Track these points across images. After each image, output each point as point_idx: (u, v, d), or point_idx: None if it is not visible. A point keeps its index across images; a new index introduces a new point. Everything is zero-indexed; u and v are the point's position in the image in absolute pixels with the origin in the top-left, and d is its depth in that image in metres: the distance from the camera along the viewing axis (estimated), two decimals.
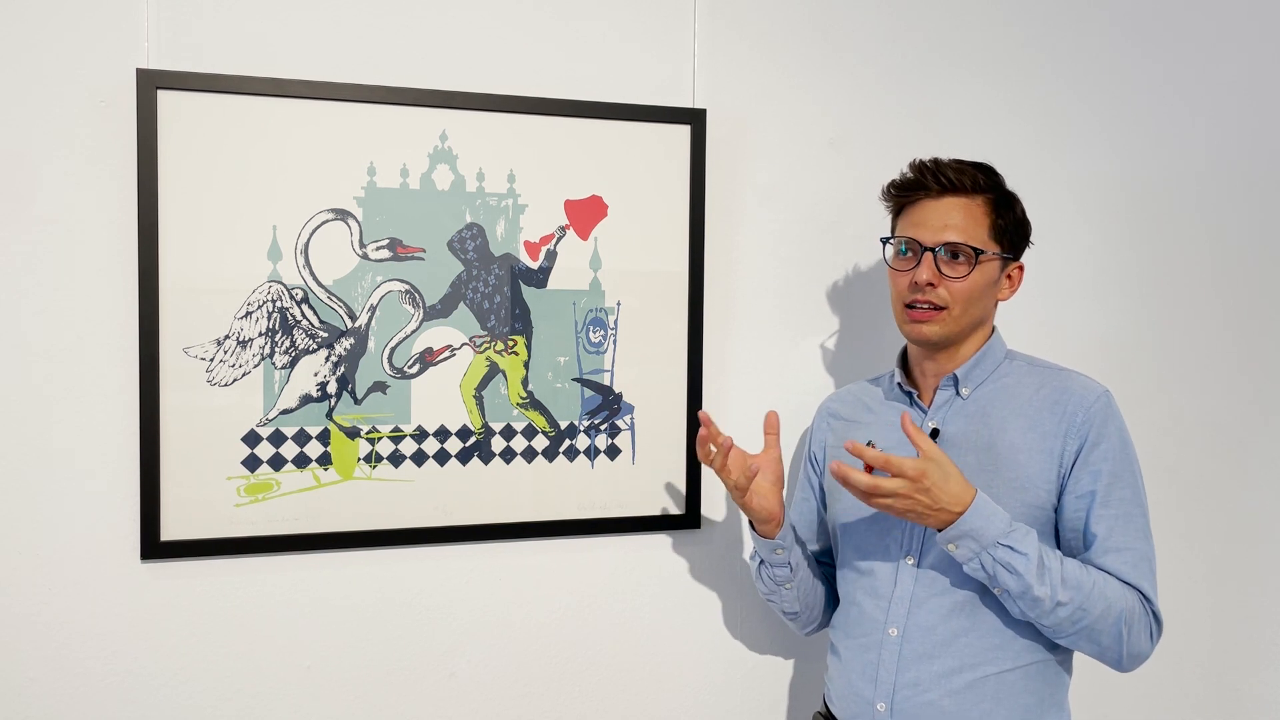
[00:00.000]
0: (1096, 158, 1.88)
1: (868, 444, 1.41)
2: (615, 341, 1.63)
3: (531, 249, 1.58)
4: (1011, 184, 1.46)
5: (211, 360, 1.45)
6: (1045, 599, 1.21)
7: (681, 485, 1.67)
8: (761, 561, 1.45)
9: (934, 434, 1.35)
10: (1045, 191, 1.84)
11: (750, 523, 1.43)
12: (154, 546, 1.43)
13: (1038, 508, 1.29)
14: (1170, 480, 1.94)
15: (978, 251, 1.32)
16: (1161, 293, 1.94)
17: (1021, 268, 1.41)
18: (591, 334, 1.61)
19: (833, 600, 1.53)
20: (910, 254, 1.35)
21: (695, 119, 1.63)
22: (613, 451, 1.63)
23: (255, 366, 1.47)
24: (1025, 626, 1.30)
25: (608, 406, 1.63)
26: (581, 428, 1.62)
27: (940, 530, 1.23)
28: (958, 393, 1.37)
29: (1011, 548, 1.21)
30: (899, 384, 1.42)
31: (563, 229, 1.59)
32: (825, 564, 1.56)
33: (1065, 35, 1.85)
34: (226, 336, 1.46)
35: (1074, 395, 1.32)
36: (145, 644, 1.46)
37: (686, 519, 1.67)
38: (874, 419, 1.45)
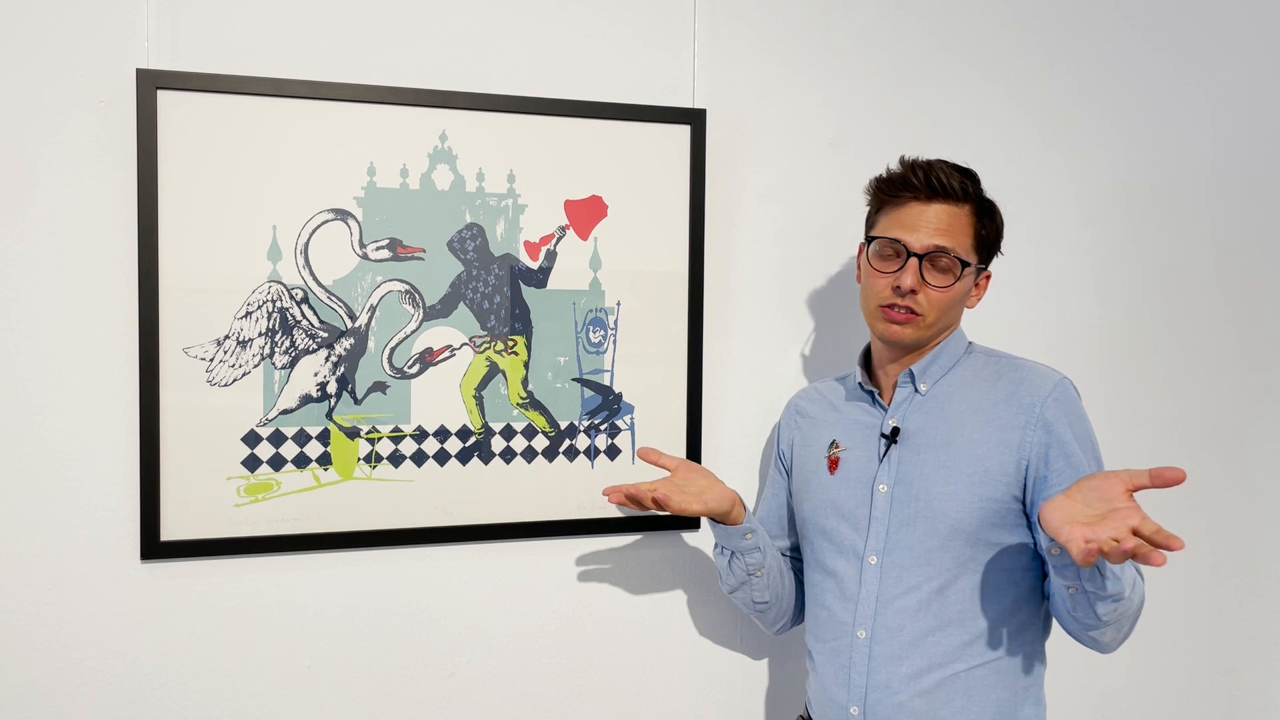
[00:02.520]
0: (1097, 157, 1.88)
1: (831, 442, 1.41)
2: (615, 341, 1.62)
3: (531, 249, 1.58)
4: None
5: (211, 360, 1.45)
6: (1120, 596, 1.17)
7: None
8: (732, 554, 1.44)
9: (894, 432, 1.36)
10: (1045, 191, 1.84)
11: (712, 521, 1.42)
12: (154, 546, 1.43)
13: (998, 501, 1.29)
14: None
15: (964, 264, 1.33)
16: (1162, 292, 1.94)
17: (989, 276, 1.42)
18: (591, 334, 1.61)
19: (801, 594, 1.53)
20: (894, 255, 1.35)
21: (695, 119, 1.63)
22: (613, 451, 1.63)
23: (255, 366, 1.47)
24: (992, 622, 1.30)
25: (608, 406, 1.63)
26: (581, 428, 1.62)
27: None
28: (916, 389, 1.38)
29: None
30: (859, 383, 1.43)
31: (563, 229, 1.59)
32: (793, 558, 1.55)
33: (1066, 34, 1.85)
34: (226, 337, 1.46)
35: (1030, 385, 1.32)
36: (145, 644, 1.46)
37: (686, 519, 1.67)
38: (838, 418, 1.46)
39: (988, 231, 1.37)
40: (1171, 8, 1.91)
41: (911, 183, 1.34)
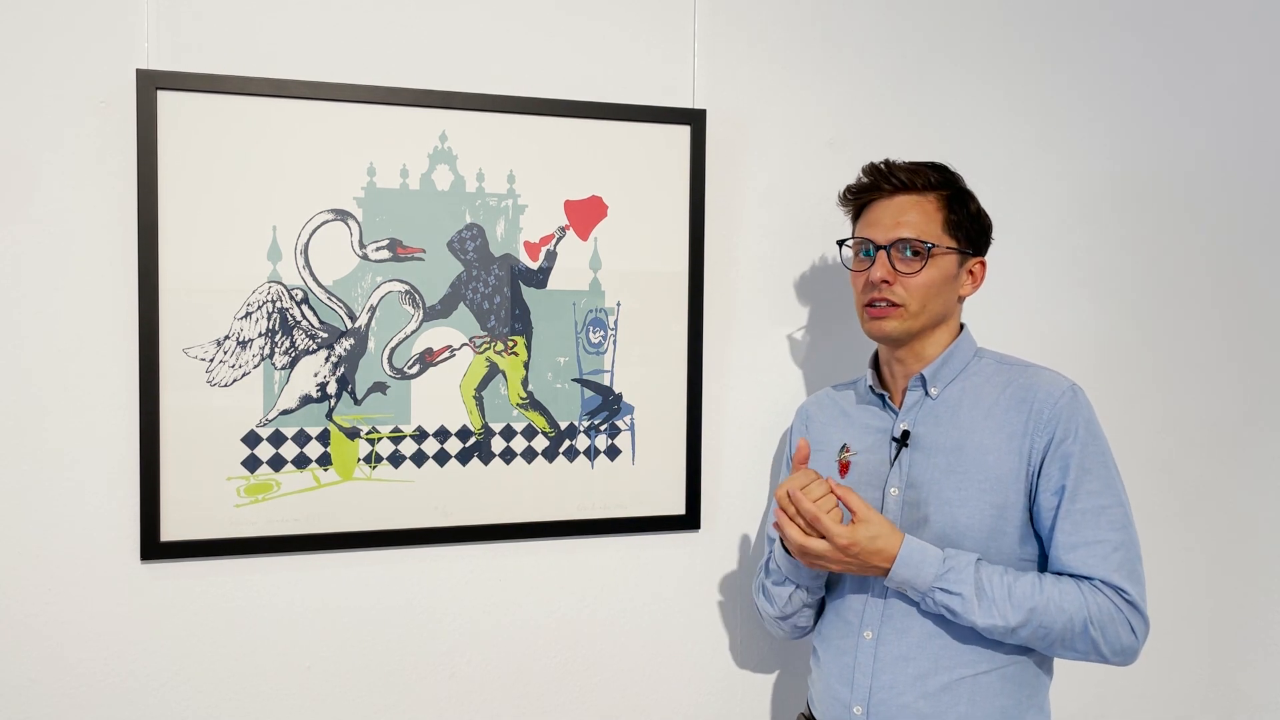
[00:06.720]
0: (1095, 157, 1.88)
1: (842, 446, 1.42)
2: (615, 342, 1.63)
3: (531, 249, 1.58)
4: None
5: (211, 361, 1.45)
6: (994, 628, 1.24)
7: (681, 485, 1.67)
8: (797, 587, 1.42)
9: (905, 436, 1.36)
10: (1042, 192, 1.84)
11: (788, 550, 1.37)
12: (154, 547, 1.44)
13: (1007, 508, 1.30)
14: (1169, 480, 1.95)
15: (929, 246, 1.33)
16: (1159, 292, 1.94)
17: (983, 264, 1.41)
18: (591, 334, 1.61)
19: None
20: (867, 255, 1.38)
21: (695, 119, 1.63)
22: (613, 452, 1.63)
23: (255, 367, 1.47)
24: None
25: (608, 407, 1.63)
26: (581, 428, 1.62)
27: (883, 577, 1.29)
28: (927, 393, 1.38)
29: (946, 590, 1.24)
30: (870, 386, 1.43)
31: (563, 229, 1.59)
32: None
33: (1065, 35, 1.85)
34: (226, 337, 1.46)
35: (1040, 392, 1.31)
36: (145, 644, 1.46)
37: (686, 519, 1.67)
38: (849, 422, 1.46)
39: (959, 216, 1.36)
40: (1167, 10, 1.91)
41: (875, 183, 1.38)
